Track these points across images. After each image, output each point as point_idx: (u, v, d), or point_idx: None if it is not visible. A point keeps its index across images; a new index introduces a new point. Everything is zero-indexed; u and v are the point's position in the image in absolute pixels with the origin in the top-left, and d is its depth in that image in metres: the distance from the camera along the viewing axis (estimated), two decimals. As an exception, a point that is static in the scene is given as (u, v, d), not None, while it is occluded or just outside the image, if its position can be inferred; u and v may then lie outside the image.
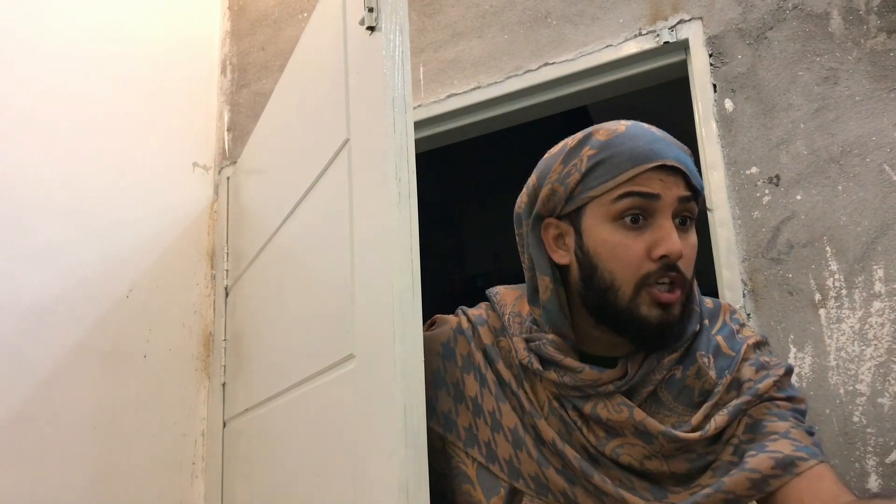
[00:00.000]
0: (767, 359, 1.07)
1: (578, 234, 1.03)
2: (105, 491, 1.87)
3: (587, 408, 1.03)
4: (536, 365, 1.05)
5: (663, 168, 0.99)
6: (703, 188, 1.05)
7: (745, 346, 1.07)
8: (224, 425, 2.10)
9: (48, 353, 1.81)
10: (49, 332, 1.82)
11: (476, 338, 1.13)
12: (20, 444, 1.71)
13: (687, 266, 1.01)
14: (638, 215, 0.99)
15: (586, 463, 1.01)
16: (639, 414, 1.00)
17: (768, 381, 1.03)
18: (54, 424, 1.79)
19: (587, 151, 1.02)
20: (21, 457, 1.71)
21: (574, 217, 1.03)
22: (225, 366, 2.14)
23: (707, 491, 0.97)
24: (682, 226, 1.01)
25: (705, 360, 1.05)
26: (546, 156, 1.10)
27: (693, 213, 1.03)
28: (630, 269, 0.99)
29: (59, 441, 1.79)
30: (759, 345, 1.09)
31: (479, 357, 1.12)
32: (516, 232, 1.12)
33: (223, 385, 2.14)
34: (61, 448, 1.80)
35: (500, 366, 1.09)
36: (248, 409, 1.89)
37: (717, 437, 1.01)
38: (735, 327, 1.13)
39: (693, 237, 1.03)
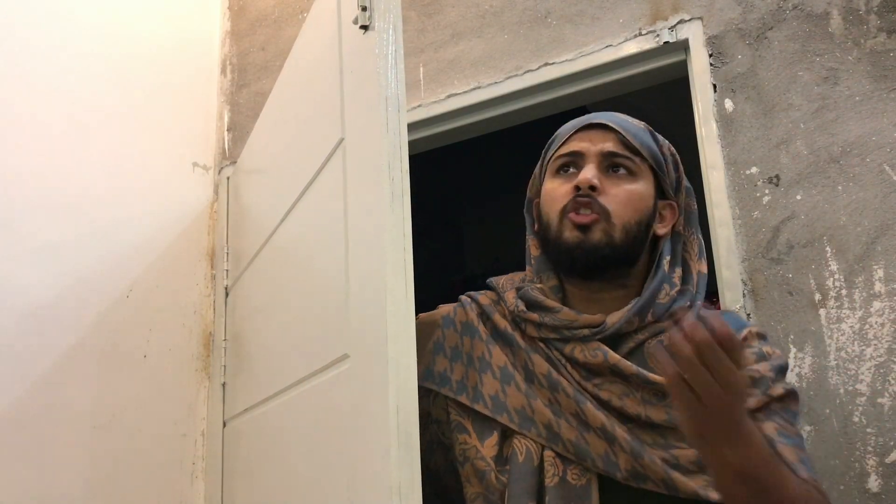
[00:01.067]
0: (770, 350, 1.11)
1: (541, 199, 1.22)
2: (105, 491, 1.87)
3: (567, 349, 1.12)
4: (521, 307, 1.16)
5: (591, 127, 1.19)
6: (644, 146, 1.19)
7: (746, 331, 1.13)
8: (224, 425, 2.10)
9: (48, 353, 1.81)
10: (49, 332, 1.82)
11: (474, 304, 1.25)
12: (20, 443, 1.71)
13: (609, 202, 1.14)
14: (566, 166, 1.19)
15: (578, 393, 1.08)
16: (613, 357, 1.08)
17: (766, 372, 1.07)
18: (54, 424, 1.79)
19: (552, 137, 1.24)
20: (20, 456, 1.71)
21: (541, 189, 1.23)
22: (225, 366, 2.14)
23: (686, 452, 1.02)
24: (613, 173, 1.16)
25: None
26: None
27: (627, 167, 1.17)
28: (555, 203, 1.16)
29: (58, 441, 1.79)
30: (761, 335, 1.14)
31: (472, 315, 1.23)
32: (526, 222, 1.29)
33: (223, 385, 2.14)
34: (61, 448, 1.80)
35: (496, 317, 1.20)
36: (248, 409, 1.89)
37: None
38: (736, 318, 1.21)
39: (625, 184, 1.16)
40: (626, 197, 1.15)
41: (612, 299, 1.15)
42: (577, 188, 1.13)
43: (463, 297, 1.28)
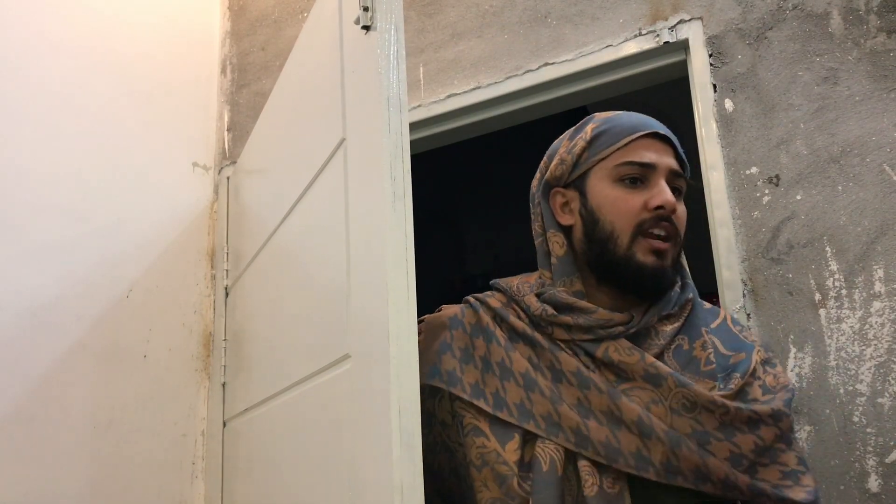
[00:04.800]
0: (774, 381, 1.11)
1: (583, 195, 1.16)
2: (105, 491, 1.87)
3: (599, 351, 1.10)
4: (550, 311, 1.13)
5: (656, 137, 1.15)
6: (688, 166, 1.19)
7: (755, 358, 1.12)
8: (224, 425, 2.10)
9: (48, 353, 1.81)
10: (49, 332, 1.82)
11: (484, 306, 1.21)
12: (20, 443, 1.71)
13: (679, 223, 1.13)
14: (637, 178, 1.13)
15: (612, 387, 1.07)
16: (649, 358, 1.07)
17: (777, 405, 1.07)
18: (54, 424, 1.79)
19: (591, 126, 1.18)
20: (20, 456, 1.71)
21: (579, 183, 1.17)
22: (225, 366, 2.14)
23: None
24: (672, 194, 1.13)
25: (711, 337, 1.14)
26: (554, 142, 1.25)
27: (681, 189, 1.16)
28: (628, 217, 1.12)
29: (58, 441, 1.79)
30: (766, 361, 1.14)
31: (487, 319, 1.19)
32: (531, 212, 1.24)
33: (223, 385, 2.14)
34: (61, 448, 1.80)
35: (512, 319, 1.16)
36: (248, 409, 1.89)
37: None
38: (736, 328, 1.18)
39: (681, 203, 1.15)
40: (684, 219, 1.15)
41: (632, 301, 1.15)
42: (659, 207, 1.10)
43: (470, 299, 1.25)
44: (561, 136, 1.24)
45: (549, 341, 1.13)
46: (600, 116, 1.19)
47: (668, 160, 1.14)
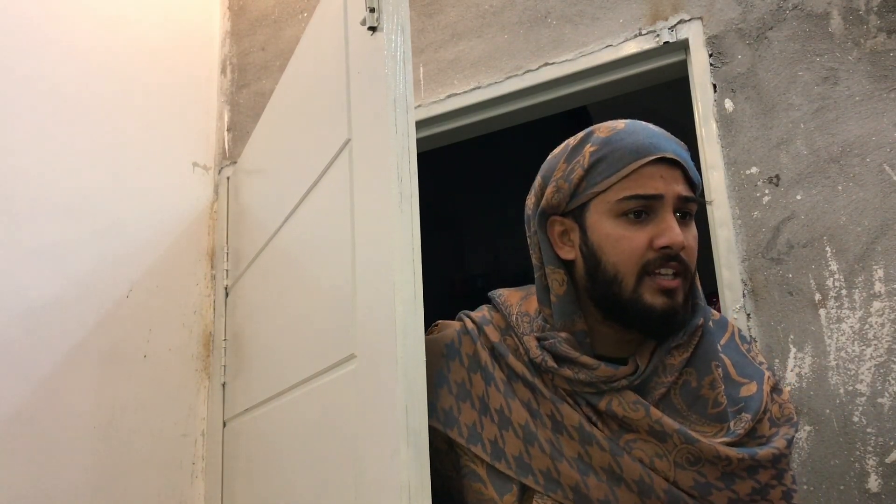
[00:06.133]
0: (779, 412, 1.07)
1: (583, 230, 1.06)
2: (105, 491, 1.87)
3: (602, 404, 1.04)
4: (550, 363, 1.06)
5: (662, 161, 1.03)
6: (700, 182, 1.09)
7: (765, 390, 1.08)
8: (224, 425, 2.10)
9: (48, 353, 1.81)
10: (49, 332, 1.82)
11: (482, 336, 1.14)
12: (20, 443, 1.71)
13: (689, 257, 1.04)
14: (641, 211, 1.03)
15: (614, 444, 1.02)
16: (655, 413, 1.02)
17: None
18: (54, 424, 1.79)
19: (589, 149, 1.06)
20: (21, 456, 1.71)
21: (578, 213, 1.07)
22: (225, 366, 2.14)
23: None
24: (682, 220, 1.04)
25: (720, 370, 1.07)
26: (550, 156, 1.13)
27: (693, 210, 1.06)
28: (632, 258, 1.02)
29: (59, 441, 1.79)
30: (774, 389, 1.10)
31: (485, 356, 1.12)
32: (527, 233, 1.15)
33: (223, 385, 2.14)
34: (61, 448, 1.79)
35: (511, 359, 1.10)
36: (249, 409, 1.89)
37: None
38: (744, 347, 1.14)
39: (693, 229, 1.06)
40: (694, 246, 1.06)
41: (638, 339, 1.08)
42: (665, 248, 1.01)
43: (467, 322, 1.18)
44: (557, 151, 1.12)
45: (550, 390, 1.07)
46: (600, 135, 1.07)
47: (676, 187, 1.03)
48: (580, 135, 1.10)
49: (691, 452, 1.01)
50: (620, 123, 1.08)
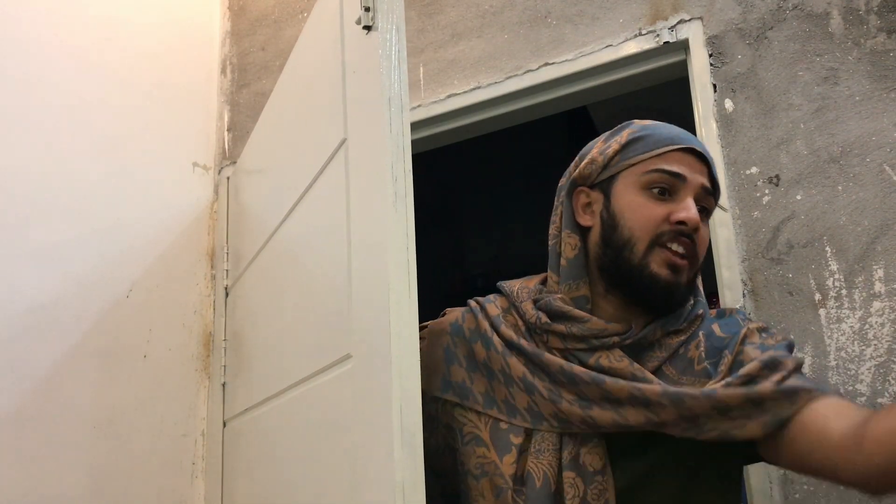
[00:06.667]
0: (773, 341, 1.10)
1: (607, 198, 1.14)
2: (105, 491, 1.87)
3: (591, 360, 1.09)
4: (545, 319, 1.12)
5: (692, 153, 1.12)
6: (719, 189, 1.17)
7: (745, 329, 1.11)
8: (224, 425, 2.10)
9: (48, 353, 1.81)
10: (49, 332, 1.82)
11: (483, 311, 1.21)
12: (20, 443, 1.71)
13: (700, 244, 1.11)
14: (665, 189, 1.11)
15: (595, 373, 1.06)
16: (638, 368, 1.06)
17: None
18: (54, 424, 1.79)
19: (628, 131, 1.16)
20: (21, 456, 1.71)
21: (606, 185, 1.15)
22: (225, 366, 2.14)
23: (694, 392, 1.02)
24: (699, 213, 1.10)
25: (713, 325, 1.13)
26: (589, 143, 1.23)
27: (709, 209, 1.15)
28: (648, 225, 1.09)
29: (58, 441, 1.79)
30: (762, 329, 1.13)
31: (485, 325, 1.19)
32: (553, 208, 1.22)
33: (223, 385, 2.14)
34: (61, 448, 1.79)
35: (503, 328, 1.16)
36: (248, 409, 1.89)
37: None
38: (739, 317, 1.17)
39: (707, 228, 1.14)
40: (706, 241, 1.13)
41: (638, 313, 1.13)
42: (681, 223, 1.08)
43: (472, 303, 1.25)
44: (596, 138, 1.22)
45: (540, 349, 1.12)
46: (640, 123, 1.17)
47: (699, 178, 1.12)
48: (619, 125, 1.20)
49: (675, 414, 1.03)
50: (658, 122, 1.18)
